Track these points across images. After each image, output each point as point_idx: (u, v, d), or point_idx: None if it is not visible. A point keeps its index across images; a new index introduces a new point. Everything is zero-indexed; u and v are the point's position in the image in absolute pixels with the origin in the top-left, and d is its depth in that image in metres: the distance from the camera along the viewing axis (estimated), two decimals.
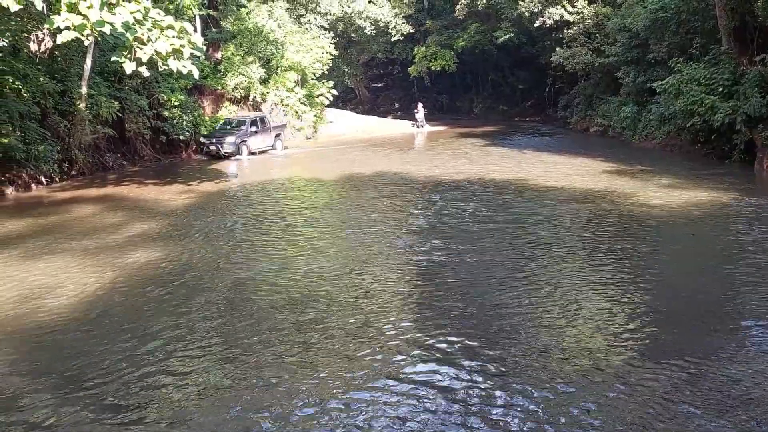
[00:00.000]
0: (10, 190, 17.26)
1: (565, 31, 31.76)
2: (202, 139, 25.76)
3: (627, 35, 26.67)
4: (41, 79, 18.42)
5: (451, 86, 52.17)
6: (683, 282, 8.79)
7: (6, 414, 5.53)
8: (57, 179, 18.96)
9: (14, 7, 10.15)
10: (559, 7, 31.55)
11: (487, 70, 48.72)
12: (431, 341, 6.91)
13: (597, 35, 30.67)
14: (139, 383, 6.08)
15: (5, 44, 16.13)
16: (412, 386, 5.94)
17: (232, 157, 24.77)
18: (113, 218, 13.99)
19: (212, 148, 25.10)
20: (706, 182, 16.10)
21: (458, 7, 41.60)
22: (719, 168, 18.44)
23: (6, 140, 16.35)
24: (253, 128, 26.07)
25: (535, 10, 32.60)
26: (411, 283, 9.12)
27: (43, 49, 19.23)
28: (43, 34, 18.57)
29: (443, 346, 6.81)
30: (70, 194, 17.32)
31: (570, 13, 31.28)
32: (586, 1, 31.40)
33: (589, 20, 30.83)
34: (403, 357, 6.57)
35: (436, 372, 6.24)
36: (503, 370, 6.21)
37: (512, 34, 38.35)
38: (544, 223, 12.53)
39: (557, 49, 32.04)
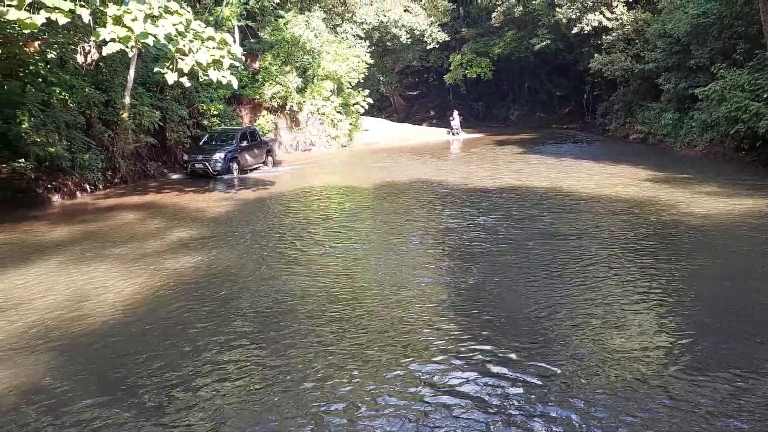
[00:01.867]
0: (56, 198, 17.78)
1: (604, 37, 31.40)
2: (185, 157, 22.73)
3: (668, 41, 26.22)
4: (87, 89, 18.97)
5: (487, 93, 52.04)
6: (728, 294, 8.56)
7: (53, 413, 5.69)
8: (101, 187, 19.47)
9: (62, 21, 10.49)
10: (597, 13, 31.21)
11: (523, 77, 48.47)
12: (466, 350, 6.86)
13: (636, 41, 30.23)
14: (179, 387, 6.18)
15: (53, 56, 16.66)
16: (447, 395, 5.91)
17: (221, 176, 21.98)
18: (154, 225, 14.29)
19: (198, 166, 21.99)
20: (751, 191, 15.69)
21: (494, 14, 41.55)
22: (765, 176, 17.95)
23: (53, 149, 16.87)
24: (243, 142, 23.40)
25: (573, 16, 32.32)
26: (446, 290, 9.08)
27: (89, 60, 19.84)
28: (90, 46, 19.17)
29: (478, 355, 6.75)
30: (113, 201, 17.76)
31: (609, 19, 30.92)
32: (626, 7, 30.98)
33: (629, 26, 30.41)
34: (437, 365, 6.54)
35: (470, 381, 6.19)
36: (540, 380, 6.13)
37: (549, 41, 38.09)
38: (582, 231, 12.35)
39: (596, 55, 31.70)
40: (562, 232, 12.32)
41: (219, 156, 22.06)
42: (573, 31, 32.76)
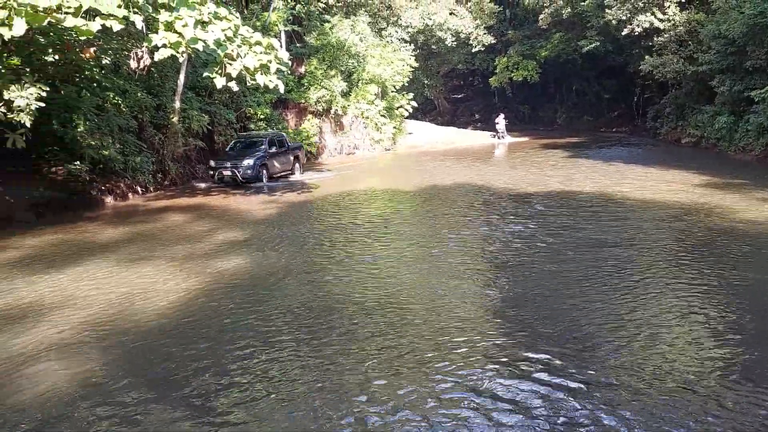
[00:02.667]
0: (109, 199, 18.33)
1: (655, 38, 30.65)
2: (211, 163, 21.69)
3: (722, 42, 25.40)
4: (139, 94, 19.52)
5: (533, 96, 51.43)
6: None
7: (102, 409, 5.85)
8: (151, 189, 19.99)
9: (117, 27, 10.80)
10: (648, 14, 30.47)
11: (571, 80, 47.72)
12: (512, 356, 6.78)
13: (689, 42, 29.41)
14: (224, 386, 6.28)
15: (108, 62, 17.19)
16: (492, 400, 5.85)
17: (251, 184, 21.15)
18: (202, 227, 14.58)
19: (226, 173, 20.94)
20: None
21: (542, 16, 41.05)
22: None
23: (107, 152, 17.40)
24: (272, 149, 22.42)
25: (623, 17, 31.63)
26: (491, 296, 9.00)
27: (141, 66, 20.37)
28: (142, 51, 19.68)
29: (524, 361, 6.66)
30: (163, 203, 18.21)
31: (660, 20, 30.15)
32: (678, 8, 30.18)
33: (681, 27, 29.60)
34: (482, 371, 6.47)
35: (515, 387, 6.11)
36: (586, 387, 6.01)
37: (598, 43, 37.42)
38: (631, 238, 12.07)
39: (646, 57, 30.95)
40: (608, 240, 12.06)
41: (248, 162, 21.11)
42: (623, 33, 32.07)
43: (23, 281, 10.09)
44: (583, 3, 36.39)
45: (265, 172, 21.72)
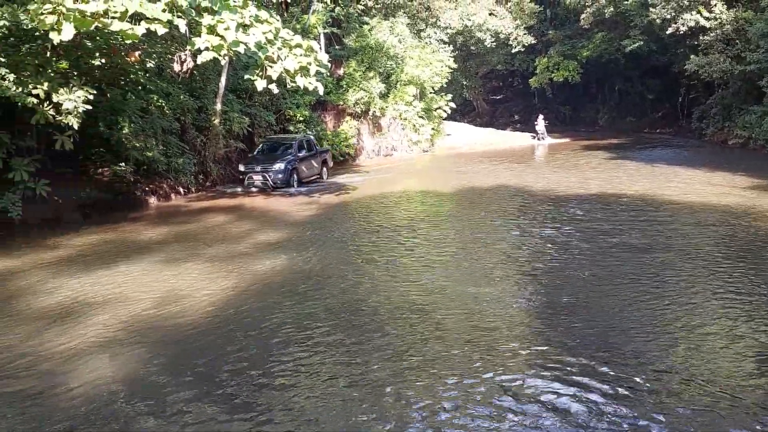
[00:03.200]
0: (152, 200, 18.71)
1: (701, 37, 29.89)
2: (240, 168, 20.87)
3: None
4: (182, 97, 19.89)
5: (574, 97, 50.71)
6: None
7: (145, 404, 5.97)
8: (193, 190, 20.33)
9: (161, 31, 11.03)
10: (694, 12, 29.73)
11: (613, 80, 46.88)
12: (552, 361, 6.68)
13: (737, 41, 28.60)
14: (265, 384, 6.34)
15: (152, 65, 17.56)
16: (531, 405, 5.77)
17: (280, 190, 20.25)
18: (242, 227, 14.77)
19: (257, 178, 20.18)
20: None
21: (583, 16, 40.49)
22: None
23: (150, 153, 17.77)
24: (302, 152, 21.57)
25: (668, 16, 30.94)
26: (530, 300, 8.89)
27: (184, 69, 20.80)
28: (185, 55, 20.08)
29: (564, 366, 6.55)
30: (205, 204, 18.51)
31: (706, 18, 29.38)
32: (725, 6, 29.37)
33: (728, 26, 28.80)
34: (522, 375, 6.39)
35: (556, 392, 6.02)
36: (628, 393, 5.88)
37: (642, 42, 36.70)
38: (676, 242, 11.78)
39: (692, 56, 30.21)
40: (650, 244, 11.80)
41: (279, 167, 20.29)
42: (667, 32, 31.38)
43: (71, 280, 10.36)
44: (626, 2, 35.76)
45: (295, 176, 20.97)
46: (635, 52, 38.13)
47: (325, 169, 23.26)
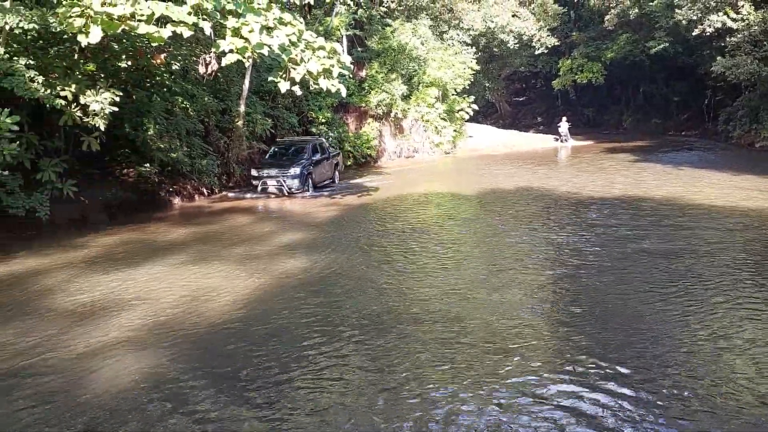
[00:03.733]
0: (176, 200, 18.92)
1: (728, 39, 29.40)
2: (253, 172, 20.18)
3: None
4: (206, 98, 20.08)
5: (597, 99, 50.24)
6: None
7: (170, 403, 6.04)
8: (216, 190, 20.51)
9: (186, 34, 11.16)
10: (721, 14, 29.27)
11: (638, 82, 46.36)
12: (576, 364, 6.63)
13: (765, 42, 28.09)
14: (287, 385, 6.38)
15: (177, 67, 17.77)
16: (554, 408, 5.73)
17: (295, 195, 19.59)
18: (264, 228, 14.87)
19: (271, 183, 19.63)
20: None
21: (608, 17, 40.08)
22: None
23: (175, 154, 17.97)
24: (315, 156, 21.01)
25: (694, 17, 30.50)
26: (556, 304, 8.83)
27: (209, 71, 21.01)
28: (210, 57, 20.29)
29: (589, 369, 6.50)
30: (228, 204, 18.67)
31: (733, 19, 28.91)
32: (752, 7, 28.87)
33: (756, 27, 28.28)
34: (545, 378, 6.36)
35: (579, 395, 5.97)
36: (654, 398, 5.81)
37: (667, 44, 36.24)
38: (702, 248, 11.61)
39: (718, 58, 29.74)
40: (676, 250, 11.65)
41: (295, 171, 19.68)
42: (693, 33, 30.94)
43: (97, 279, 10.52)
44: (651, 3, 35.33)
45: (310, 181, 20.29)
46: (660, 54, 37.66)
47: (336, 172, 22.81)
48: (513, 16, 40.55)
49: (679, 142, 35.28)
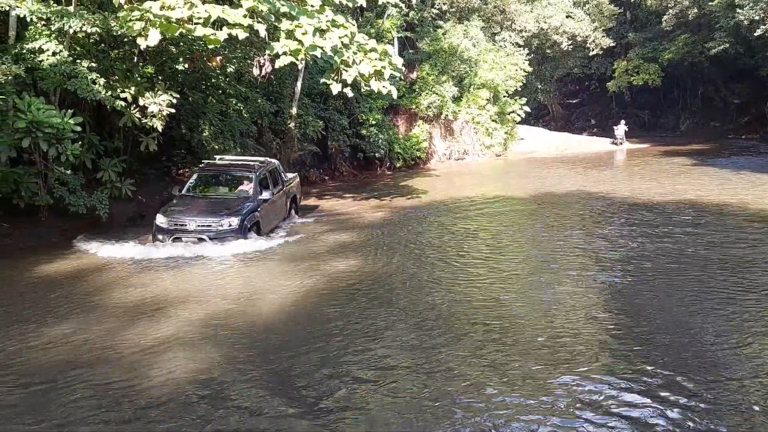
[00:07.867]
0: None
1: None
2: (158, 222, 12.74)
3: None
4: (259, 100, 20.39)
5: (654, 101, 48.84)
6: None
7: (220, 402, 6.12)
8: None
9: (242, 36, 11.34)
10: None
11: (696, 84, 44.90)
12: (629, 372, 6.44)
13: None
14: (337, 385, 6.40)
15: (232, 70, 18.10)
16: (608, 417, 5.58)
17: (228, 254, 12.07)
18: (315, 229, 14.96)
19: (187, 240, 12.37)
20: None
21: (665, 17, 38.97)
22: None
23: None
24: (265, 194, 13.78)
25: (756, 17, 29.38)
26: (606, 310, 8.61)
27: (263, 73, 21.34)
28: (264, 60, 20.60)
29: (642, 377, 6.31)
30: None
31: None
32: None
33: None
34: (597, 386, 6.20)
35: (633, 404, 5.80)
36: (709, 407, 5.60)
37: (727, 45, 34.97)
38: (763, 255, 11.16)
39: None
40: (739, 255, 11.22)
41: (230, 223, 12.61)
42: (755, 34, 29.81)
43: (151, 277, 10.77)
44: (711, 3, 34.19)
45: (255, 229, 13.13)
46: (720, 55, 36.38)
47: (294, 206, 16.13)
48: (567, 16, 39.81)
49: (739, 146, 33.97)
